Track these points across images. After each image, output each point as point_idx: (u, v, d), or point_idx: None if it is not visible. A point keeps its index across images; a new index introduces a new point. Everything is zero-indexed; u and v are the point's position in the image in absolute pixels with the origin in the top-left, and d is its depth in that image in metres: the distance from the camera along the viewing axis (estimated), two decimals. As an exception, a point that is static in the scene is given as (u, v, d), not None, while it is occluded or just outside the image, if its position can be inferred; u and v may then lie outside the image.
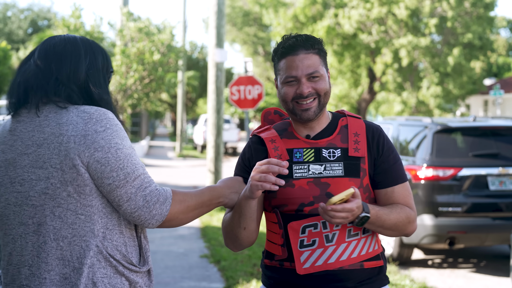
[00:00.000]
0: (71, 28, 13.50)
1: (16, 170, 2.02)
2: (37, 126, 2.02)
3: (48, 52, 2.09)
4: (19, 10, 60.26)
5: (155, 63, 13.83)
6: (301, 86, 2.44)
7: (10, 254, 2.03)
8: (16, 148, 2.03)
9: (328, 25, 32.70)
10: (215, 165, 12.10)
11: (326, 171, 2.43)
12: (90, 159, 1.97)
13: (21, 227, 2.01)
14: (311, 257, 2.38)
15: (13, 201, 2.03)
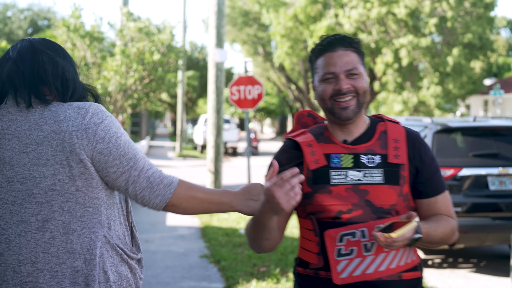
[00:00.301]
0: (71, 28, 13.50)
1: (14, 169, 2.02)
2: (33, 124, 2.03)
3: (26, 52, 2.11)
4: (19, 10, 60.25)
5: (155, 63, 13.83)
6: (339, 82, 2.37)
7: (1, 255, 2.03)
8: (13, 147, 2.03)
9: (328, 25, 32.70)
10: (215, 165, 12.09)
11: (366, 178, 2.35)
12: (94, 151, 2.03)
13: (21, 225, 2.02)
14: (349, 266, 2.31)
15: (11, 200, 2.03)
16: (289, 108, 62.56)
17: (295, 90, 52.10)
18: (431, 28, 29.96)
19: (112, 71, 13.41)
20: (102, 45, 14.44)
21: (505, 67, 48.54)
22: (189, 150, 34.12)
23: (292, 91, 52.38)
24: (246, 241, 8.75)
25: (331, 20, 32.81)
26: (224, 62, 12.28)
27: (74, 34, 13.49)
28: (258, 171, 21.29)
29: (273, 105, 58.37)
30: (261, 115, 64.87)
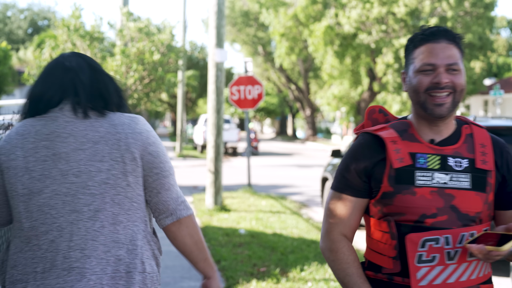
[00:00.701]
0: (71, 28, 13.50)
1: (69, 164, 2.23)
2: (89, 126, 2.27)
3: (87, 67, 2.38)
4: (19, 10, 60.24)
5: (155, 63, 13.83)
6: (439, 75, 2.22)
7: (52, 242, 2.20)
8: (69, 144, 2.24)
9: (328, 25, 32.70)
10: (215, 165, 12.09)
11: (452, 182, 2.21)
12: (144, 152, 2.29)
13: (73, 214, 2.21)
14: (429, 274, 2.18)
15: (64, 192, 2.21)
16: (289, 108, 62.56)
17: (295, 90, 52.11)
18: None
19: (112, 71, 13.41)
20: (102, 45, 14.44)
21: (505, 67, 48.54)
22: (189, 150, 34.13)
23: (292, 91, 52.38)
24: (246, 241, 8.76)
25: (331, 20, 32.81)
26: (224, 62, 12.28)
27: (74, 34, 13.49)
28: (258, 171, 21.29)
29: (273, 105, 58.36)
30: (261, 115, 64.86)
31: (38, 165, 2.23)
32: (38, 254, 2.22)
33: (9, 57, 32.56)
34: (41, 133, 2.26)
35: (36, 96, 2.33)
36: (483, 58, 32.62)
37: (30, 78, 13.94)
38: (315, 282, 6.64)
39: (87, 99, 2.31)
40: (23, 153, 2.24)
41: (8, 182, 2.26)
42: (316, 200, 14.19)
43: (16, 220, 2.28)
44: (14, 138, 2.28)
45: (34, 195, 2.22)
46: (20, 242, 2.27)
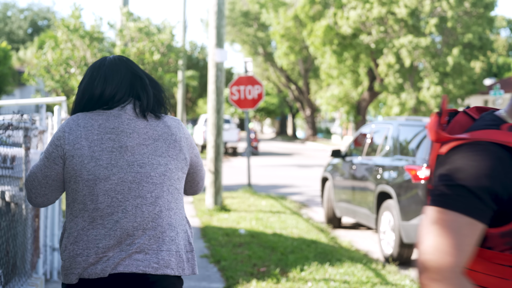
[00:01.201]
0: (71, 28, 13.50)
1: (134, 156, 2.58)
2: (148, 125, 2.64)
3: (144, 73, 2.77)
4: (19, 10, 60.22)
5: (155, 63, 13.83)
6: None
7: (117, 222, 2.52)
8: (133, 139, 2.60)
9: (327, 24, 32.68)
10: (215, 165, 12.10)
11: None
12: (192, 154, 2.77)
13: (138, 199, 2.56)
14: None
15: (130, 179, 2.56)
16: (289, 108, 62.54)
17: (295, 90, 52.10)
18: (432, 28, 29.94)
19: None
20: (102, 45, 14.44)
21: (505, 67, 48.53)
22: (189, 150, 34.12)
23: (292, 91, 52.37)
24: (246, 241, 8.76)
25: (330, 20, 32.79)
26: (224, 62, 12.28)
27: (74, 34, 13.49)
28: (258, 171, 21.28)
29: (273, 105, 58.34)
30: (261, 115, 64.85)
31: (105, 155, 2.56)
32: (102, 232, 2.52)
33: (9, 57, 32.55)
34: (104, 126, 2.58)
35: (98, 93, 2.64)
36: (483, 58, 32.59)
37: (30, 78, 13.94)
38: (315, 282, 6.64)
39: (148, 103, 2.67)
40: (88, 143, 2.55)
41: (72, 169, 2.55)
42: (316, 200, 14.19)
43: (79, 202, 2.56)
44: (76, 129, 2.57)
45: (100, 180, 2.54)
46: (82, 221, 2.55)
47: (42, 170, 2.63)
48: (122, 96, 2.65)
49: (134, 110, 2.64)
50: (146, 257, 2.52)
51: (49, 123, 6.86)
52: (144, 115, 2.65)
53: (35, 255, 5.95)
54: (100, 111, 2.62)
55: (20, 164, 5.28)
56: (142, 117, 2.64)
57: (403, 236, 7.94)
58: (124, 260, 2.51)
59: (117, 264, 2.50)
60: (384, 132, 9.32)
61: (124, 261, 2.51)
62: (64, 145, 2.57)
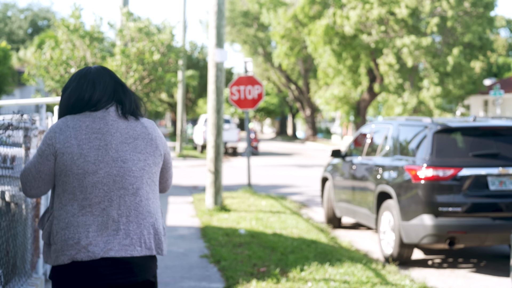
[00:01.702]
0: (71, 28, 13.49)
1: (118, 152, 2.97)
2: (128, 126, 3.03)
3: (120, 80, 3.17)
4: (19, 10, 60.18)
5: (155, 63, 13.82)
6: None
7: (104, 209, 2.92)
8: (116, 138, 2.98)
9: (327, 24, 32.67)
10: (215, 165, 12.09)
11: None
12: (165, 152, 3.14)
13: (121, 190, 2.95)
14: None
15: (115, 173, 2.94)
16: (289, 108, 62.52)
17: (295, 90, 52.07)
18: (433, 28, 29.93)
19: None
20: (102, 45, 14.43)
21: (505, 67, 48.52)
22: (189, 150, 34.12)
23: (292, 91, 52.35)
24: (246, 241, 8.76)
25: (330, 20, 32.78)
26: (224, 62, 12.27)
27: (73, 34, 13.48)
28: (258, 171, 21.28)
29: (273, 105, 58.32)
30: (261, 115, 64.83)
31: (92, 152, 2.93)
32: (90, 218, 2.90)
33: (9, 57, 32.55)
34: (91, 127, 2.96)
35: (87, 97, 3.01)
36: (483, 58, 32.58)
37: (30, 78, 13.93)
38: (315, 282, 6.64)
39: (130, 106, 3.07)
40: (77, 142, 2.93)
41: (63, 164, 2.92)
42: (316, 200, 14.19)
43: (69, 193, 2.93)
44: (66, 130, 2.95)
45: (89, 174, 2.91)
46: (72, 209, 2.91)
47: (35, 166, 2.97)
48: (107, 100, 3.03)
49: (117, 112, 3.04)
50: (132, 241, 2.94)
51: (49, 123, 6.86)
52: (126, 116, 3.04)
53: (35, 255, 5.95)
54: (86, 113, 3.00)
55: (20, 164, 5.28)
56: (124, 118, 3.04)
57: (403, 236, 7.94)
58: (114, 245, 2.89)
59: (109, 249, 2.88)
60: (384, 132, 9.32)
61: (114, 246, 2.89)
62: (55, 144, 2.94)
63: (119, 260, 2.90)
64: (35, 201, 5.97)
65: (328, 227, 10.75)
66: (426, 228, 7.61)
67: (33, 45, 41.79)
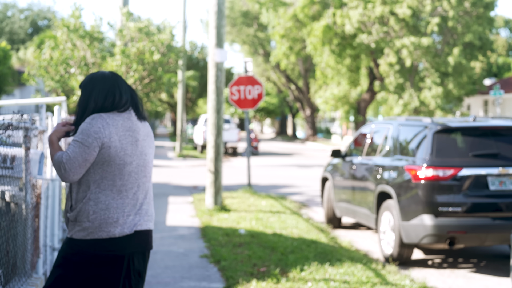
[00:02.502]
0: (71, 28, 13.49)
1: (142, 147, 3.63)
2: (141, 125, 3.65)
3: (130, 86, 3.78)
4: (19, 10, 60.16)
5: (155, 63, 13.82)
6: None
7: (135, 193, 3.59)
8: (140, 135, 3.63)
9: (326, 24, 32.66)
10: (215, 165, 12.09)
11: None
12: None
13: (144, 178, 3.64)
14: None
15: (141, 164, 3.62)
16: (289, 108, 62.51)
17: (295, 90, 52.06)
18: (433, 28, 29.92)
19: (112, 71, 13.40)
20: (102, 45, 14.43)
21: (505, 67, 48.53)
22: (189, 150, 34.12)
23: (292, 91, 52.34)
24: (246, 241, 8.76)
25: (329, 20, 32.77)
26: (224, 62, 12.27)
27: (74, 34, 13.48)
28: (258, 171, 21.28)
29: (273, 105, 58.31)
30: (261, 115, 64.83)
31: (128, 146, 3.56)
32: (126, 201, 3.55)
33: (9, 57, 32.53)
34: (124, 125, 3.56)
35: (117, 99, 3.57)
36: (483, 58, 32.57)
37: (30, 78, 13.93)
38: (315, 282, 6.64)
39: (143, 109, 3.71)
40: (118, 137, 3.52)
41: (108, 155, 3.49)
42: (316, 200, 14.19)
43: (109, 179, 3.51)
44: (107, 126, 3.50)
45: (127, 165, 3.54)
46: (111, 193, 3.52)
47: (82, 155, 3.48)
48: (129, 103, 3.62)
49: (135, 114, 3.64)
50: (149, 218, 3.67)
51: (49, 123, 6.86)
52: (139, 117, 3.65)
53: (35, 255, 5.95)
54: (115, 112, 3.57)
55: (20, 164, 5.28)
56: (140, 119, 3.66)
57: (403, 236, 7.94)
58: (140, 221, 3.60)
59: (138, 224, 3.58)
60: (384, 132, 9.32)
61: (140, 222, 3.60)
62: (102, 138, 3.49)
63: (143, 232, 3.61)
64: (35, 201, 5.97)
65: (328, 227, 10.75)
66: (426, 228, 7.61)
67: (33, 45, 41.78)
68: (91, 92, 3.54)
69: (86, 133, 3.46)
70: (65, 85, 13.63)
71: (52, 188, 6.92)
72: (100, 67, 13.71)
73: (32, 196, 5.64)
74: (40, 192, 6.30)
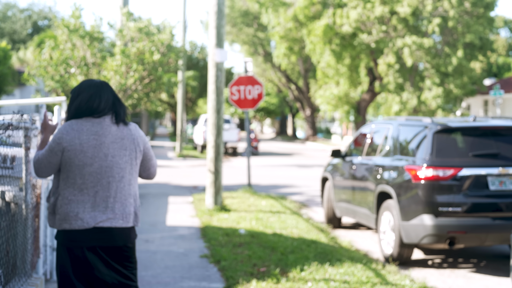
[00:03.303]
0: (71, 28, 13.49)
1: (108, 150, 3.87)
2: (117, 129, 3.93)
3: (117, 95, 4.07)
4: (20, 10, 60.15)
5: (155, 63, 13.82)
6: None
7: (97, 192, 3.85)
8: (108, 138, 3.89)
9: (326, 24, 32.64)
10: (215, 165, 12.09)
11: None
12: (145, 147, 4.04)
13: (110, 178, 3.87)
14: None
15: (105, 165, 3.86)
16: (289, 108, 62.50)
17: (295, 90, 52.06)
18: (434, 28, 29.90)
19: (112, 71, 13.40)
20: (102, 45, 14.43)
21: (505, 67, 48.52)
22: (189, 150, 34.12)
23: (292, 91, 52.33)
24: (246, 241, 8.76)
25: (330, 20, 32.76)
26: (224, 62, 12.27)
27: (74, 34, 13.48)
28: (258, 171, 21.28)
29: (273, 105, 58.29)
30: (261, 115, 64.82)
31: (90, 149, 3.85)
32: (86, 198, 3.84)
33: (9, 57, 32.53)
34: (90, 130, 3.87)
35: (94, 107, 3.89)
36: (483, 58, 32.55)
37: (30, 78, 13.93)
38: (315, 282, 6.64)
39: (123, 115, 3.98)
40: (79, 141, 3.84)
41: (68, 158, 3.83)
42: (316, 200, 14.19)
43: (71, 178, 3.85)
44: (71, 132, 3.84)
45: (86, 166, 3.84)
46: (73, 190, 3.85)
47: (46, 158, 3.90)
48: (108, 110, 3.93)
49: (111, 119, 3.95)
50: (115, 216, 3.89)
51: (49, 123, 6.85)
52: (117, 123, 3.95)
53: (35, 255, 5.95)
54: (88, 118, 3.91)
55: (20, 164, 5.28)
56: (115, 124, 3.95)
57: (403, 236, 7.94)
58: (102, 218, 3.85)
59: (99, 221, 3.84)
60: (384, 132, 9.32)
61: (102, 219, 3.85)
62: (63, 143, 3.86)
63: (104, 229, 3.86)
64: (35, 201, 5.97)
65: (328, 227, 10.75)
66: (426, 228, 7.61)
67: (33, 45, 41.77)
68: (75, 98, 3.94)
69: (53, 139, 3.92)
70: (65, 85, 13.62)
71: (52, 188, 6.91)
72: (100, 67, 13.72)
73: (32, 196, 5.64)
74: (40, 192, 6.30)
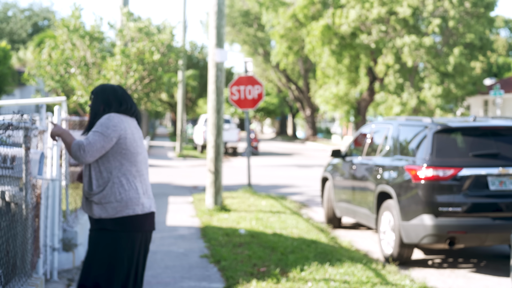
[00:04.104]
0: (71, 28, 13.49)
1: (141, 142, 4.44)
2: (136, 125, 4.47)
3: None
4: (20, 10, 60.15)
5: (155, 63, 13.81)
6: None
7: (145, 179, 4.41)
8: (139, 132, 4.46)
9: (326, 24, 32.64)
10: (215, 165, 12.09)
11: None
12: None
13: (147, 168, 4.44)
14: None
15: (145, 155, 4.44)
16: (289, 108, 62.50)
17: (295, 90, 52.06)
18: (434, 28, 29.90)
19: (112, 71, 13.40)
20: (102, 45, 14.43)
21: (505, 67, 48.52)
22: (189, 150, 34.12)
23: (292, 91, 52.34)
24: (246, 241, 8.77)
25: (329, 20, 32.76)
26: (224, 62, 12.27)
27: (74, 34, 13.48)
28: (258, 171, 21.28)
29: (273, 105, 58.29)
30: (261, 115, 64.82)
31: (138, 140, 4.39)
32: (139, 184, 4.33)
33: (9, 57, 32.52)
34: (133, 124, 4.43)
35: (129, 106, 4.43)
36: (483, 58, 32.55)
37: (30, 78, 13.93)
38: (315, 282, 6.64)
39: (141, 116, 4.53)
40: (131, 131, 4.35)
41: (124, 145, 4.28)
42: (316, 200, 14.19)
43: (125, 165, 4.29)
44: (122, 122, 4.32)
45: (138, 154, 4.36)
46: (131, 177, 4.31)
47: (101, 142, 4.21)
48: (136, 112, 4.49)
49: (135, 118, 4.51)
50: (153, 201, 4.45)
51: (49, 123, 6.86)
52: (139, 123, 4.53)
53: (35, 255, 5.95)
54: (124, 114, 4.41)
55: (20, 164, 5.28)
56: (137, 122, 4.51)
57: (403, 236, 7.94)
58: (150, 203, 4.40)
59: (151, 206, 4.39)
60: (384, 132, 9.32)
61: (150, 203, 4.40)
62: (119, 130, 4.28)
63: (153, 214, 4.41)
64: (35, 201, 5.97)
65: (328, 227, 10.75)
66: (426, 228, 7.61)
67: (33, 45, 41.78)
68: (103, 98, 4.35)
69: (106, 125, 4.23)
70: (65, 85, 13.62)
71: (52, 188, 6.92)
72: (100, 67, 13.72)
73: (32, 196, 5.64)
74: (40, 192, 6.30)
